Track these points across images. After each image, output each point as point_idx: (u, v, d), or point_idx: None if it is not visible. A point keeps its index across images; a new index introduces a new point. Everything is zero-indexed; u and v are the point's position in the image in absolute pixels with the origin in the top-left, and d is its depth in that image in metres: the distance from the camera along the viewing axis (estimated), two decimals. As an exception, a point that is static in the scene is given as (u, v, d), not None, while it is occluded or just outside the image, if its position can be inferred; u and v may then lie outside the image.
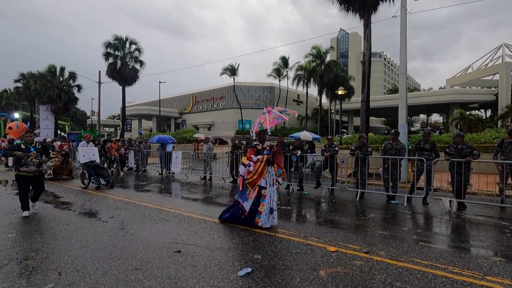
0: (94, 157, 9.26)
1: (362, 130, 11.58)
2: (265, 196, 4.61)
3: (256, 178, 4.59)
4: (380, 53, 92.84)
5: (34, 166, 5.31)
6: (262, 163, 4.63)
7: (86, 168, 8.79)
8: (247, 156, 4.77)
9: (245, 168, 4.73)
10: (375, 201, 7.07)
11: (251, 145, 4.91)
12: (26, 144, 5.33)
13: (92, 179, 8.66)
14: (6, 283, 2.87)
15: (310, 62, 36.71)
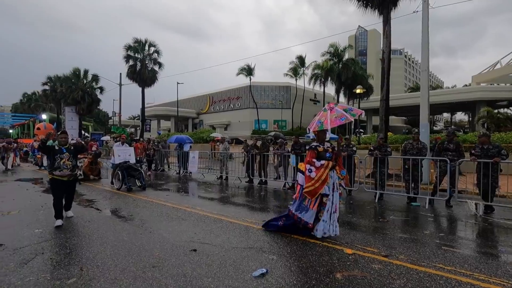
0: (130, 157, 8.90)
1: (381, 130, 11.26)
2: (326, 204, 4.08)
3: (319, 186, 3.99)
4: (400, 50, 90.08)
5: (67, 170, 4.89)
6: (326, 170, 4.04)
7: (119, 169, 8.50)
8: (307, 160, 4.16)
9: (302, 174, 4.20)
10: (395, 203, 6.85)
11: (310, 146, 4.29)
12: (60, 145, 4.96)
13: (126, 180, 8.28)
14: (32, 277, 3.01)
15: (327, 61, 36.16)
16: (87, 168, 10.74)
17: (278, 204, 6.64)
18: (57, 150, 4.88)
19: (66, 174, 4.90)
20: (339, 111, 4.13)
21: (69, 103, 32.64)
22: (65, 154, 4.92)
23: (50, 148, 4.86)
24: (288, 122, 46.33)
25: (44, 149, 4.87)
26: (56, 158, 4.83)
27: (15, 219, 5.27)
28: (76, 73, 33.53)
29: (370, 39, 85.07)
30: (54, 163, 4.82)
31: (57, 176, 4.84)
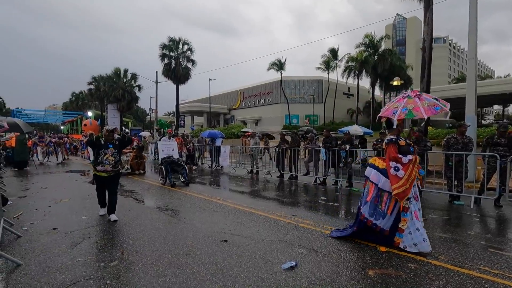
0: (173, 152, 8.87)
1: (420, 124, 10.58)
2: (408, 209, 3.48)
3: (409, 188, 3.45)
4: (444, 38, 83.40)
5: (109, 165, 4.74)
6: (413, 166, 3.54)
7: (163, 164, 8.44)
8: (391, 156, 3.59)
9: (378, 172, 3.69)
10: (434, 200, 6.43)
11: (390, 140, 3.70)
12: (106, 140, 4.86)
13: (169, 175, 8.16)
14: (80, 258, 3.31)
15: (362, 52, 34.60)
16: (133, 162, 10.90)
17: (308, 199, 6.56)
18: (102, 145, 4.80)
19: (108, 170, 4.75)
20: (430, 99, 3.67)
21: (111, 101, 34.96)
22: (110, 149, 4.78)
23: (96, 143, 4.80)
24: (320, 116, 45.30)
25: (91, 144, 4.83)
26: (100, 153, 4.74)
27: (66, 206, 5.81)
28: (117, 73, 35.75)
29: (409, 28, 79.71)
30: (98, 158, 4.74)
31: (99, 172, 4.76)
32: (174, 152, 8.91)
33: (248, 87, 54.28)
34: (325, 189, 7.82)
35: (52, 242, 3.82)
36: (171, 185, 7.92)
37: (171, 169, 8.28)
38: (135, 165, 10.92)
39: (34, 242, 3.80)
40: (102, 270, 3.01)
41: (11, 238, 3.94)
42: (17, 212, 5.29)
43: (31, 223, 4.64)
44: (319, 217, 5.05)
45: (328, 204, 6.09)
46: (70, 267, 3.08)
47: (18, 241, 3.84)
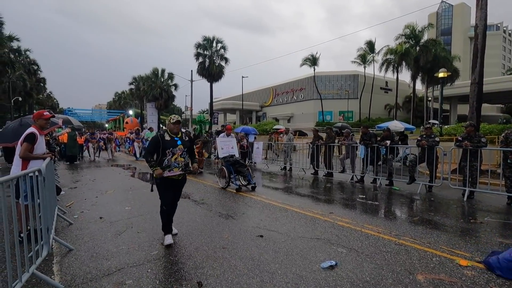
0: (233, 150, 7.84)
1: (471, 118, 9.62)
2: None
3: None
4: (497, 25, 75.47)
5: (179, 169, 3.60)
6: None
7: (225, 164, 7.26)
8: None
9: None
10: (490, 202, 5.80)
11: None
12: (172, 134, 3.66)
13: (232, 178, 7.00)
14: (124, 246, 3.47)
15: (402, 44, 32.51)
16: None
17: (345, 197, 6.29)
18: (168, 142, 3.57)
19: (177, 173, 3.62)
20: None
21: (149, 99, 36.83)
22: (179, 147, 3.62)
23: (161, 138, 3.60)
24: (355, 112, 43.58)
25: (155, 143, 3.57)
26: (166, 153, 3.54)
27: (111, 197, 6.18)
28: (155, 73, 37.51)
29: (456, 15, 73.24)
30: (164, 160, 3.53)
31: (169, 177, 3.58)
32: (234, 151, 7.85)
33: (280, 83, 53.86)
34: (363, 187, 7.46)
35: (99, 230, 4.07)
36: (236, 189, 6.73)
37: (234, 170, 7.09)
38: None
39: (83, 230, 4.08)
40: (143, 258, 3.12)
41: (64, 225, 4.26)
42: (68, 201, 5.74)
43: (80, 212, 4.99)
44: (358, 216, 4.80)
45: (367, 202, 5.78)
46: (115, 254, 3.24)
47: (69, 228, 4.15)
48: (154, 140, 3.61)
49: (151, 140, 3.66)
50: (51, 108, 46.06)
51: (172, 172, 3.57)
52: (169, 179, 3.59)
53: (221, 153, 7.63)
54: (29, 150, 3.56)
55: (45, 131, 4.30)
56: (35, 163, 3.52)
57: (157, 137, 3.61)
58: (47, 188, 3.10)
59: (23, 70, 34.95)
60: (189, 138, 3.91)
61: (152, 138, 3.67)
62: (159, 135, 3.63)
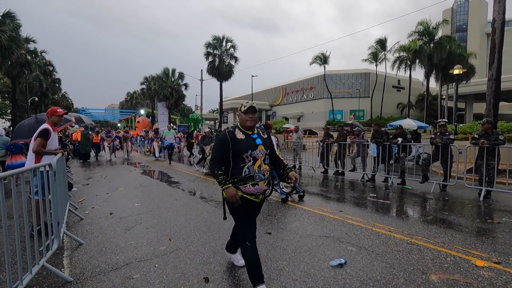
0: None
1: (488, 116, 9.28)
2: None
3: None
4: (516, 20, 72.71)
5: (264, 181, 2.41)
6: None
7: None
8: None
9: None
10: (508, 202, 5.58)
11: None
12: (246, 129, 2.42)
13: (276, 185, 5.56)
14: (132, 241, 3.50)
15: (416, 41, 31.77)
16: None
17: (356, 195, 6.17)
18: (243, 142, 2.35)
19: (263, 190, 2.43)
20: None
21: (160, 99, 37.24)
22: (259, 149, 2.37)
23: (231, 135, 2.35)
24: (366, 111, 42.92)
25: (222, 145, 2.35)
26: (244, 159, 2.33)
27: (121, 194, 6.26)
28: (166, 72, 37.90)
29: (472, 11, 71.04)
30: (243, 169, 2.32)
31: (246, 195, 2.36)
32: None
33: (290, 82, 53.59)
34: (374, 186, 7.31)
35: (108, 225, 4.12)
36: (282, 199, 5.60)
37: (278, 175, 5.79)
38: None
39: (94, 225, 4.13)
40: (151, 253, 3.13)
41: (75, 220, 4.34)
42: (80, 197, 5.85)
43: (91, 208, 5.07)
44: (369, 214, 4.69)
45: (379, 201, 5.65)
46: (123, 249, 3.26)
47: (80, 223, 4.21)
48: (220, 141, 2.35)
49: (216, 141, 2.46)
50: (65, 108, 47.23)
51: (256, 189, 2.27)
52: (248, 200, 2.32)
53: None
54: (42, 145, 3.63)
55: (59, 128, 4.38)
56: (47, 158, 3.59)
57: (224, 136, 2.32)
58: (58, 183, 3.15)
59: (39, 71, 35.98)
60: (268, 135, 2.53)
61: (217, 139, 2.44)
62: (227, 132, 2.34)
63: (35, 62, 35.22)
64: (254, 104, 2.41)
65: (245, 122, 2.36)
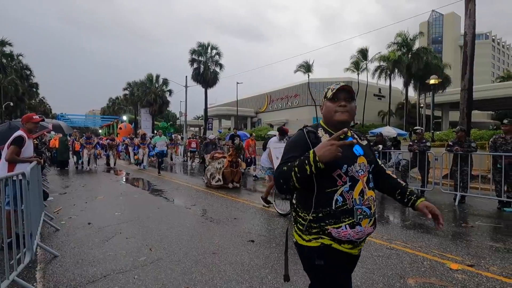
0: None
1: (462, 124, 9.76)
2: None
3: None
4: (486, 34, 77.43)
5: (370, 219, 1.34)
6: None
7: None
8: None
9: None
10: (481, 207, 5.84)
11: None
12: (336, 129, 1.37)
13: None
14: (111, 252, 3.39)
15: (395, 51, 33.11)
16: (228, 170, 7.79)
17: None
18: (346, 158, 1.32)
19: (366, 234, 1.36)
20: None
21: (144, 105, 36.65)
22: (360, 163, 1.37)
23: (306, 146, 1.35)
24: (349, 119, 43.90)
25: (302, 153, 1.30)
26: (335, 177, 1.31)
27: (101, 203, 6.07)
28: (150, 78, 37.43)
29: (446, 24, 75.07)
30: (333, 197, 1.30)
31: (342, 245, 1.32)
32: None
33: (275, 90, 54.17)
34: None
35: (86, 236, 3.97)
36: None
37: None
38: (228, 175, 7.80)
39: (70, 236, 3.98)
40: (131, 264, 3.04)
41: (50, 231, 4.16)
42: (57, 207, 5.61)
43: (68, 218, 4.88)
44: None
45: (360, 207, 5.77)
46: (101, 260, 3.15)
47: (56, 234, 4.04)
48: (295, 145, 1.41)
49: (287, 146, 1.47)
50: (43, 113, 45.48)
51: (357, 232, 1.31)
52: (341, 254, 1.36)
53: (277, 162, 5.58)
54: (16, 153, 3.48)
55: (34, 135, 4.22)
56: (21, 166, 3.44)
57: (302, 139, 1.41)
58: (32, 192, 3.02)
59: (15, 75, 34.58)
60: (368, 141, 1.59)
61: (289, 142, 1.47)
62: (306, 132, 1.43)
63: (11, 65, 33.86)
64: (345, 84, 1.44)
65: (333, 115, 1.39)
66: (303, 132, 1.44)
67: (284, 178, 1.28)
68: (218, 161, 8.03)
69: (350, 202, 1.30)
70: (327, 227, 1.29)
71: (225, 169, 7.80)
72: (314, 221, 1.32)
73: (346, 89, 1.43)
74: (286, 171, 1.27)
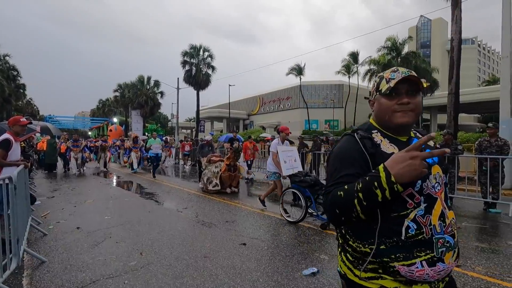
0: (297, 164, 5.32)
1: (449, 127, 10.03)
2: None
3: None
4: (472, 39, 79.59)
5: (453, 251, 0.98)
6: None
7: (296, 185, 4.86)
8: None
9: None
10: (468, 208, 5.99)
11: None
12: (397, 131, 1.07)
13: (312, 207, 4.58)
14: (101, 257, 3.34)
15: (385, 55, 33.71)
16: (226, 175, 7.46)
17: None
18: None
19: (450, 271, 0.99)
20: None
21: (135, 107, 36.23)
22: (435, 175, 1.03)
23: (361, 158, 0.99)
24: (341, 121, 44.44)
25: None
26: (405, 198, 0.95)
27: (90, 207, 5.97)
28: (141, 80, 37.08)
29: (434, 29, 76.91)
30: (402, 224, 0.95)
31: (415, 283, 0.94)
32: (298, 164, 5.36)
33: (267, 92, 54.39)
34: None
35: (75, 241, 3.90)
36: (322, 226, 4.45)
37: (311, 192, 4.61)
38: (226, 179, 7.48)
39: (58, 240, 3.90)
40: (121, 269, 3.01)
41: (38, 236, 4.07)
42: (44, 211, 5.49)
43: (57, 222, 4.79)
44: (341, 222, 4.83)
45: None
46: (90, 265, 3.11)
47: (43, 239, 3.96)
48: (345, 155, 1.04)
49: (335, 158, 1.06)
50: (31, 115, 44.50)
51: (438, 270, 0.93)
52: None
53: (285, 169, 5.09)
54: (2, 157, 3.41)
55: (21, 138, 4.14)
56: (8, 170, 3.37)
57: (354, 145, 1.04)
58: (19, 197, 2.96)
59: (2, 76, 33.76)
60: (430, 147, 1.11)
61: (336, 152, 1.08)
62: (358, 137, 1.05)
63: (-3, 66, 33.09)
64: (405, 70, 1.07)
65: (391, 117, 1.06)
66: (354, 137, 1.06)
67: (342, 207, 0.91)
68: (215, 164, 7.70)
69: (428, 230, 0.95)
70: (393, 264, 0.94)
71: (222, 173, 7.46)
72: (373, 255, 0.96)
73: (410, 80, 1.03)
74: (343, 198, 0.91)
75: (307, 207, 4.55)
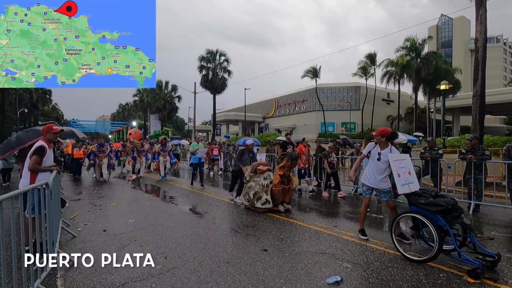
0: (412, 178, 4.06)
1: (474, 131, 9.63)
2: None
3: None
4: (497, 37, 76.15)
5: None
6: None
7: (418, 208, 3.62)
8: None
9: None
10: (497, 216, 5.73)
11: None
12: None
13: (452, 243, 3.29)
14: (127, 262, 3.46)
15: (403, 56, 32.89)
16: (278, 189, 5.79)
17: (349, 210, 6.25)
18: None
19: None
20: None
21: (153, 111, 37.29)
22: None
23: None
24: (357, 124, 43.67)
25: None
26: None
27: (115, 210, 6.19)
28: (159, 85, 38.06)
29: (456, 28, 74.21)
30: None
31: None
32: (413, 179, 4.10)
33: (283, 95, 54.32)
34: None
35: (102, 243, 4.06)
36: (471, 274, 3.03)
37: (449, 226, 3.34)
38: (279, 194, 5.84)
39: (87, 243, 4.07)
40: (147, 273, 3.10)
41: (68, 238, 4.26)
42: (72, 214, 5.75)
43: (84, 224, 4.99)
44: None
45: (372, 216, 5.73)
46: (118, 268, 3.22)
47: (73, 241, 4.14)
48: None
49: None
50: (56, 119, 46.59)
51: None
52: None
53: (400, 185, 3.82)
54: (38, 163, 3.61)
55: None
56: (42, 175, 3.56)
57: None
58: (53, 200, 3.13)
59: (30, 83, 35.63)
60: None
61: None
62: None
63: (26, 73, 34.92)
64: None
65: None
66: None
67: None
68: (263, 175, 5.96)
69: None
70: None
71: (274, 186, 5.82)
72: None
73: None
74: None
75: (441, 242, 3.20)
